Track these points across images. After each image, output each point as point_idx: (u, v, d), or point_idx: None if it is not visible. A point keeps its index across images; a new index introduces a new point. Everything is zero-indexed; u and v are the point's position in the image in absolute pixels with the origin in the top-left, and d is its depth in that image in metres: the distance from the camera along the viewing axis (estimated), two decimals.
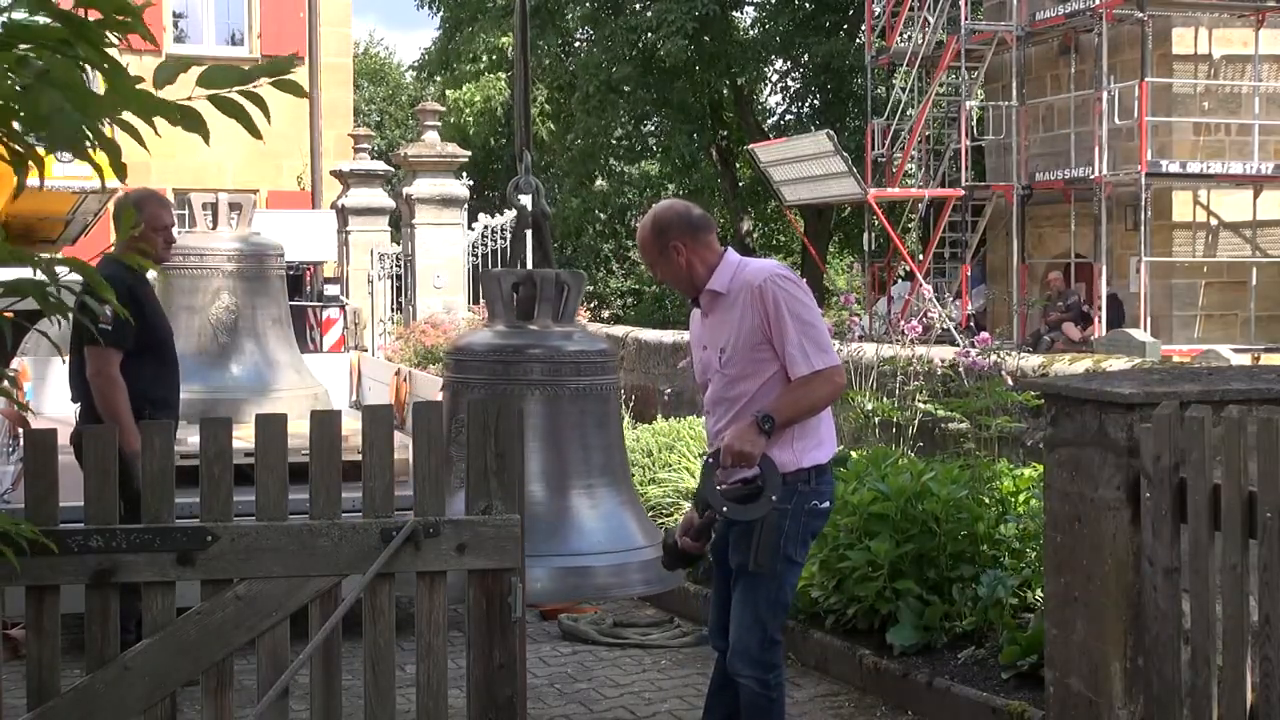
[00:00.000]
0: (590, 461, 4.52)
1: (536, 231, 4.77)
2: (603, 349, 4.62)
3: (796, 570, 4.12)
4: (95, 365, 5.13)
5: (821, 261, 24.11)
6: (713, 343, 4.07)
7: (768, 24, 26.37)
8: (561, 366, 4.46)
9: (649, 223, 4.13)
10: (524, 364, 4.45)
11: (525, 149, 4.76)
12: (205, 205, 7.58)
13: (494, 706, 3.39)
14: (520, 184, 4.71)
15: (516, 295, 4.54)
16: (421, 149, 14.21)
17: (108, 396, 5.10)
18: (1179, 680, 3.66)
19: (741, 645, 4.02)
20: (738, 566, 4.02)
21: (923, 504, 5.71)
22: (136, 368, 5.19)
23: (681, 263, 4.06)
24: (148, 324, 5.24)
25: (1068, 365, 7.29)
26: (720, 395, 4.05)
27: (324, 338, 14.04)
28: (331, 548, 3.30)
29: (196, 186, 8.33)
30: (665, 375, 10.08)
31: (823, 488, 4.05)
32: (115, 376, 5.12)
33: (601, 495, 4.52)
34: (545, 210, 4.81)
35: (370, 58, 40.03)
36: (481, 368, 4.49)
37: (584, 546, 4.43)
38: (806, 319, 3.94)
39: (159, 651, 3.23)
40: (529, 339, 4.50)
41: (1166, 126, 17.62)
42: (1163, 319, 17.43)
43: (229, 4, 23.26)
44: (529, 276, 4.56)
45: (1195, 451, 3.57)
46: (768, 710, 4.03)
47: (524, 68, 4.90)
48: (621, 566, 4.44)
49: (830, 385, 3.96)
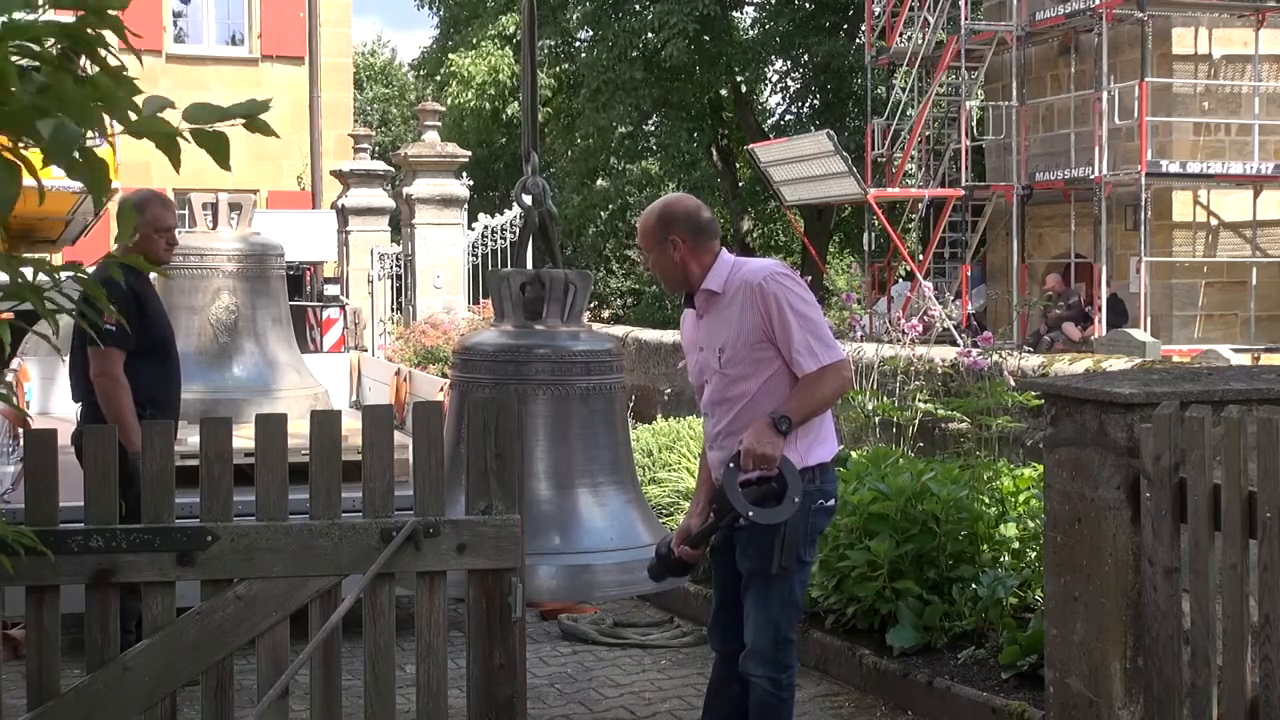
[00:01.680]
0: (599, 460, 4.55)
1: (543, 232, 4.78)
2: (609, 348, 4.64)
3: (807, 570, 4.11)
4: (98, 366, 5.13)
5: (821, 261, 24.09)
6: (710, 343, 4.05)
7: (768, 24, 26.36)
8: (571, 366, 4.48)
9: (655, 211, 4.11)
10: (533, 363, 4.46)
11: (532, 150, 4.77)
12: (205, 205, 7.58)
13: (494, 706, 3.40)
14: (527, 184, 4.72)
15: (524, 295, 4.56)
16: (421, 149, 14.21)
17: (111, 397, 5.10)
18: (1179, 680, 3.66)
19: (755, 645, 4.01)
20: (750, 572, 4.00)
21: (923, 504, 5.71)
22: (138, 368, 5.19)
23: (676, 259, 4.04)
24: (149, 324, 5.25)
25: (1068, 365, 7.29)
26: (720, 396, 4.03)
27: (324, 338, 14.03)
28: (331, 548, 3.30)
29: (196, 186, 8.32)
30: (665, 375, 10.08)
31: (827, 486, 4.04)
32: (118, 376, 5.12)
33: (609, 494, 4.54)
34: (552, 211, 4.82)
35: (374, 57, 40.06)
36: (492, 367, 4.50)
37: (592, 545, 4.44)
38: (808, 314, 3.91)
39: (159, 651, 3.23)
40: (538, 339, 4.52)
41: (1166, 126, 17.62)
42: (1163, 319, 17.43)
43: (229, 4, 23.27)
44: (537, 277, 4.57)
45: (1195, 451, 3.57)
46: (778, 710, 4.01)
47: (531, 70, 4.90)
48: (629, 564, 4.45)
49: (839, 379, 3.94)
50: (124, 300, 4.98)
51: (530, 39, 4.89)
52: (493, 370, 4.49)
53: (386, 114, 37.02)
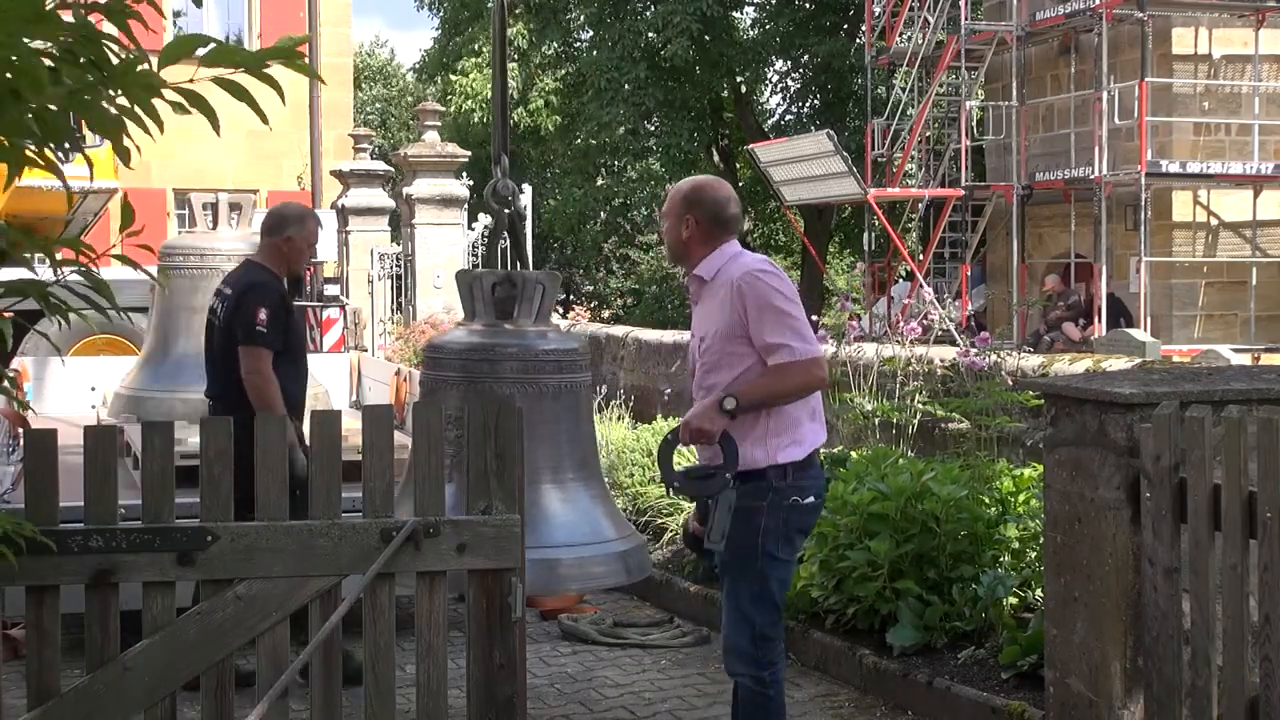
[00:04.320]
0: (570, 457, 4.60)
1: (511, 232, 4.84)
2: (576, 348, 4.70)
3: (783, 567, 4.06)
4: (250, 364, 5.37)
5: (821, 261, 24.09)
6: (696, 331, 4.14)
7: (768, 24, 26.34)
8: (544, 364, 4.54)
9: (687, 186, 4.21)
10: (505, 361, 4.51)
11: (502, 153, 4.80)
12: (205, 205, 7.59)
13: (494, 706, 3.40)
14: (497, 186, 4.77)
15: (494, 295, 4.62)
16: (421, 149, 14.20)
17: (264, 394, 5.33)
18: (1179, 680, 3.66)
19: (731, 643, 4.02)
20: (722, 565, 4.04)
21: (923, 504, 5.71)
22: (277, 367, 5.44)
23: (684, 236, 4.11)
24: (289, 328, 5.57)
25: (1068, 365, 7.29)
26: (699, 383, 4.09)
27: (324, 338, 14.03)
28: (331, 548, 3.30)
29: (196, 186, 8.32)
30: (665, 375, 10.08)
31: (804, 483, 4.00)
32: (270, 375, 5.37)
33: (576, 490, 4.58)
34: (520, 212, 4.91)
35: (373, 57, 40.03)
36: (465, 365, 4.55)
37: (559, 540, 4.48)
38: (785, 309, 3.92)
39: (159, 651, 3.23)
40: (510, 338, 4.57)
41: (1166, 126, 17.62)
42: (1163, 319, 17.42)
43: (229, 4, 23.27)
44: (508, 277, 4.63)
45: (1195, 451, 3.57)
46: (765, 707, 4.00)
47: (501, 72, 4.91)
48: (595, 559, 4.50)
49: (806, 375, 3.92)
50: (278, 304, 5.42)
51: (500, 44, 4.92)
52: (465, 369, 4.54)
53: (386, 114, 36.99)
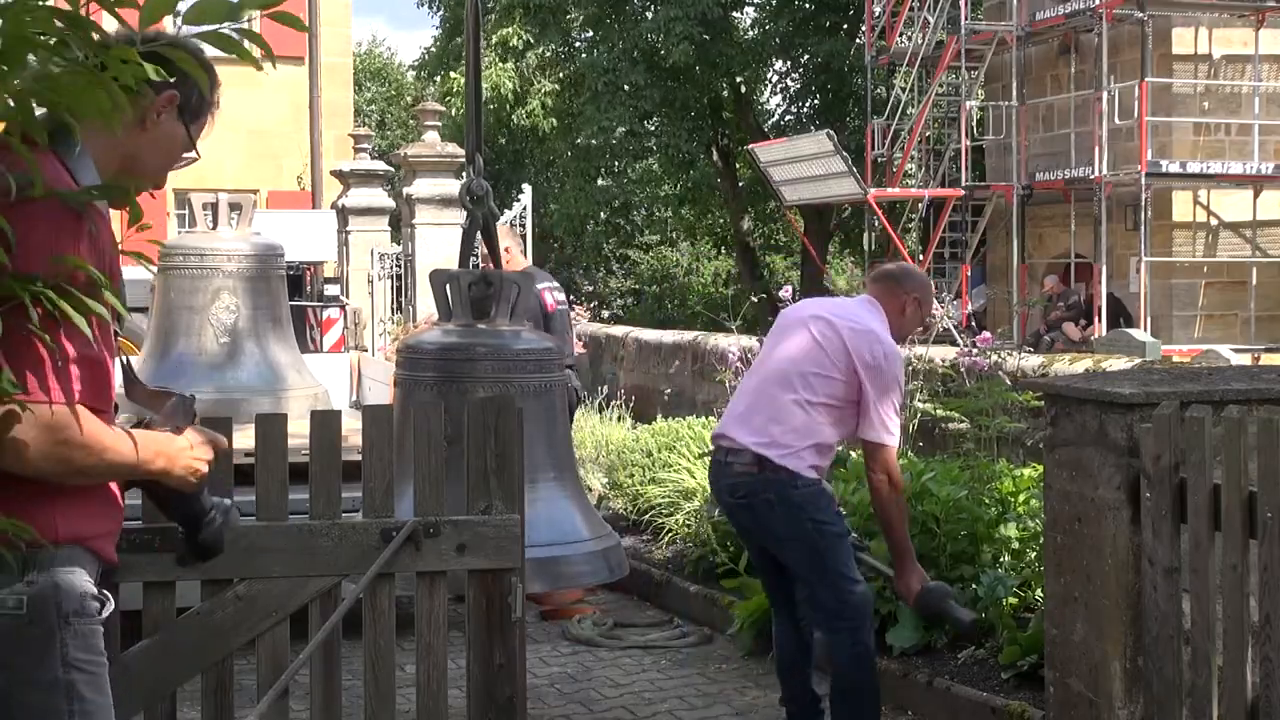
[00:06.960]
0: (548, 456, 4.59)
1: (485, 232, 4.84)
2: (549, 347, 4.71)
3: (842, 543, 4.49)
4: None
5: (821, 261, 24.08)
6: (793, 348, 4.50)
7: (768, 24, 26.33)
8: (525, 364, 4.54)
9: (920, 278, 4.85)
10: (482, 361, 4.51)
11: (476, 153, 4.79)
12: (205, 205, 7.57)
13: (494, 706, 3.40)
14: (471, 186, 4.76)
15: (470, 294, 4.62)
16: (421, 149, 14.19)
17: None
18: (1179, 680, 3.66)
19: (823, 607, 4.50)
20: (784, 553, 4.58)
21: (923, 504, 5.71)
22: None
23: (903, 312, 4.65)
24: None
25: (1068, 365, 7.29)
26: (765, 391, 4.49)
27: (324, 338, 14.01)
28: (331, 548, 3.30)
29: (196, 186, 8.32)
30: (665, 375, 10.08)
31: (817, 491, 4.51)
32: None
33: (550, 489, 4.57)
34: (494, 212, 4.91)
35: (374, 57, 40.01)
36: (441, 365, 4.54)
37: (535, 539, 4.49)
38: None
39: (159, 651, 3.23)
40: (485, 337, 4.56)
41: (1166, 126, 17.62)
42: (1163, 319, 17.43)
43: None
44: (484, 277, 4.63)
45: (1195, 451, 3.56)
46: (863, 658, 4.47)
47: (475, 71, 4.90)
48: (569, 558, 4.49)
49: None
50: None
51: (474, 44, 4.91)
52: (440, 369, 4.53)
53: (385, 115, 36.98)
